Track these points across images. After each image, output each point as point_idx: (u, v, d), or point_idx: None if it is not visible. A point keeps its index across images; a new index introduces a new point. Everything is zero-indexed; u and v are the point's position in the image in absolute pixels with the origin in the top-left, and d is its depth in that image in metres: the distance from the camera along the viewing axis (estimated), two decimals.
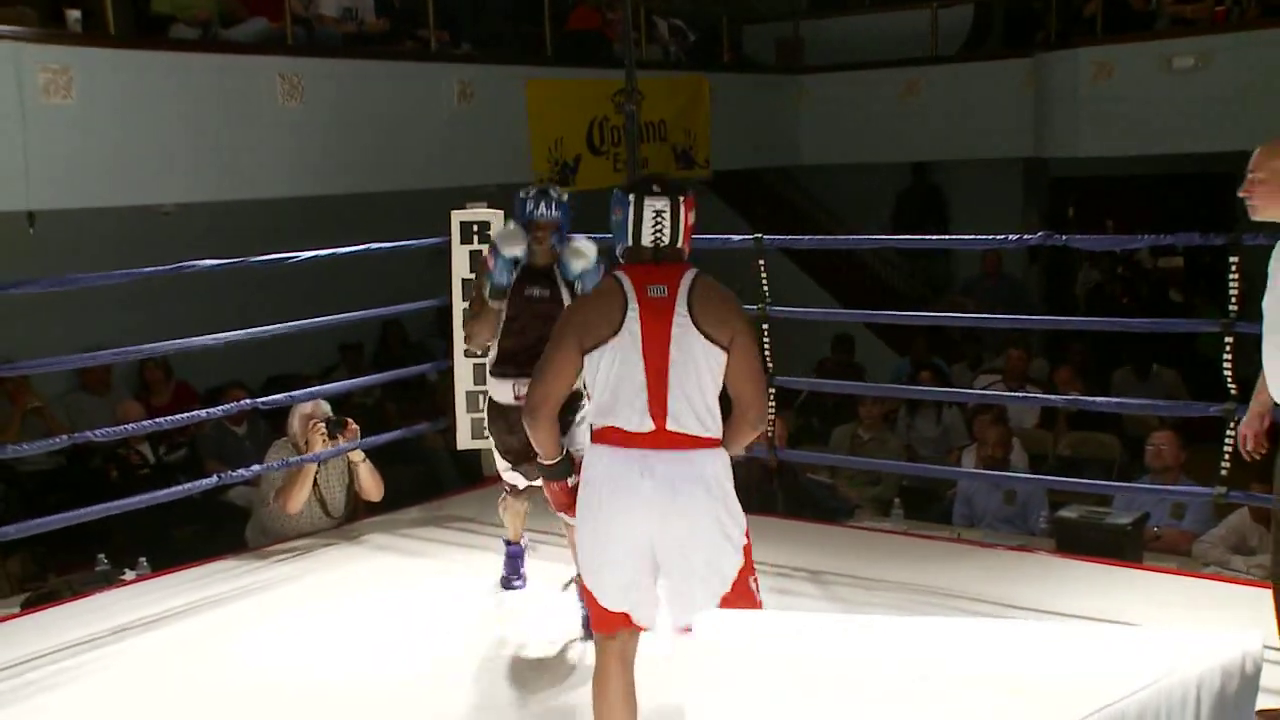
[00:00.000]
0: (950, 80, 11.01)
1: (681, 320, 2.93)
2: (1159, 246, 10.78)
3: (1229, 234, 4.46)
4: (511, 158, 8.96)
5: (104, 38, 6.85)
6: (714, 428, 2.97)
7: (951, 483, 6.90)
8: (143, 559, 5.33)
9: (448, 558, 5.22)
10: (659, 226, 2.98)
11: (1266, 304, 3.46)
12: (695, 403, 2.93)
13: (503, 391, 4.20)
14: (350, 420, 5.46)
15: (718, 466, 2.97)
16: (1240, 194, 3.40)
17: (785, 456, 6.03)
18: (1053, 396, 6.93)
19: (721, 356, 2.96)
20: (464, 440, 5.93)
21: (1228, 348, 4.53)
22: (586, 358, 3.00)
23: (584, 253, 4.15)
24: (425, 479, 7.50)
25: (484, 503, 5.94)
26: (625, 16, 7.55)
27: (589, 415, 3.11)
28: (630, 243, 3.03)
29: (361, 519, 5.73)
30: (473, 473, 6.46)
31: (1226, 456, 4.58)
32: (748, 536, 3.03)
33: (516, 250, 4.11)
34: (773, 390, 5.57)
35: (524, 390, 3.44)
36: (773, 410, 5.59)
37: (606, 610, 3.02)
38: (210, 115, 7.20)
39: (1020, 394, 7.40)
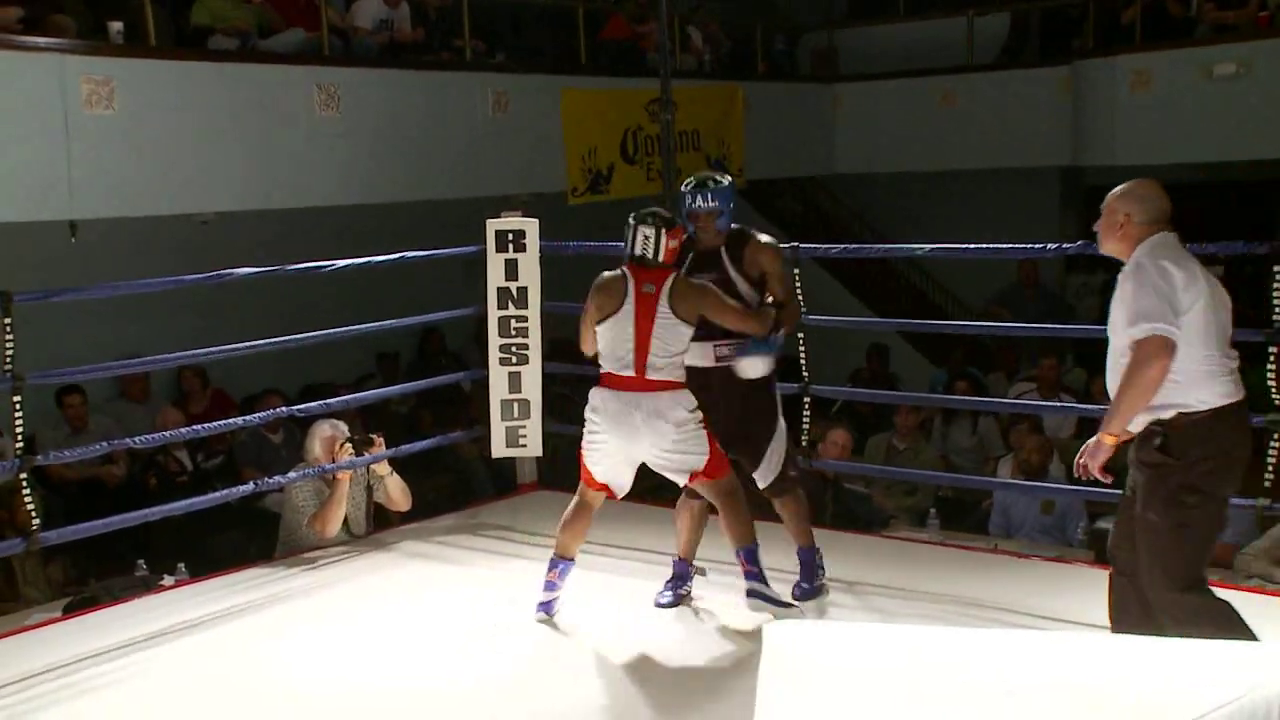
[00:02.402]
0: (987, 89, 10.94)
1: (664, 310, 4.23)
2: (1200, 256, 10.66)
3: (1272, 243, 4.41)
4: (546, 167, 8.99)
5: (145, 49, 6.94)
6: (673, 375, 4.25)
7: (988, 493, 6.84)
8: (181, 565, 5.37)
9: (482, 565, 5.22)
10: (645, 246, 4.25)
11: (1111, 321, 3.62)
12: (661, 360, 4.23)
13: (703, 355, 4.46)
14: (374, 436, 5.46)
15: (671, 401, 4.23)
16: (1094, 228, 3.73)
17: (821, 466, 6.00)
18: (1090, 406, 6.85)
19: (688, 330, 4.25)
20: (498, 449, 5.94)
21: (1271, 358, 4.47)
22: (597, 326, 4.31)
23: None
24: (460, 487, 7.52)
25: (517, 511, 5.95)
26: (660, 26, 7.58)
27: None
28: (629, 253, 4.29)
29: (395, 527, 5.75)
30: (507, 481, 6.47)
31: (1270, 468, 4.52)
32: (706, 424, 4.26)
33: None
34: (808, 400, 5.55)
35: (724, 351, 4.43)
36: (807, 420, 5.59)
37: (594, 478, 4.40)
38: (248, 125, 7.28)
39: (1057, 403, 7.34)
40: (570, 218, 8.85)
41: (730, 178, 4.58)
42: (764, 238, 4.51)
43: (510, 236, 5.78)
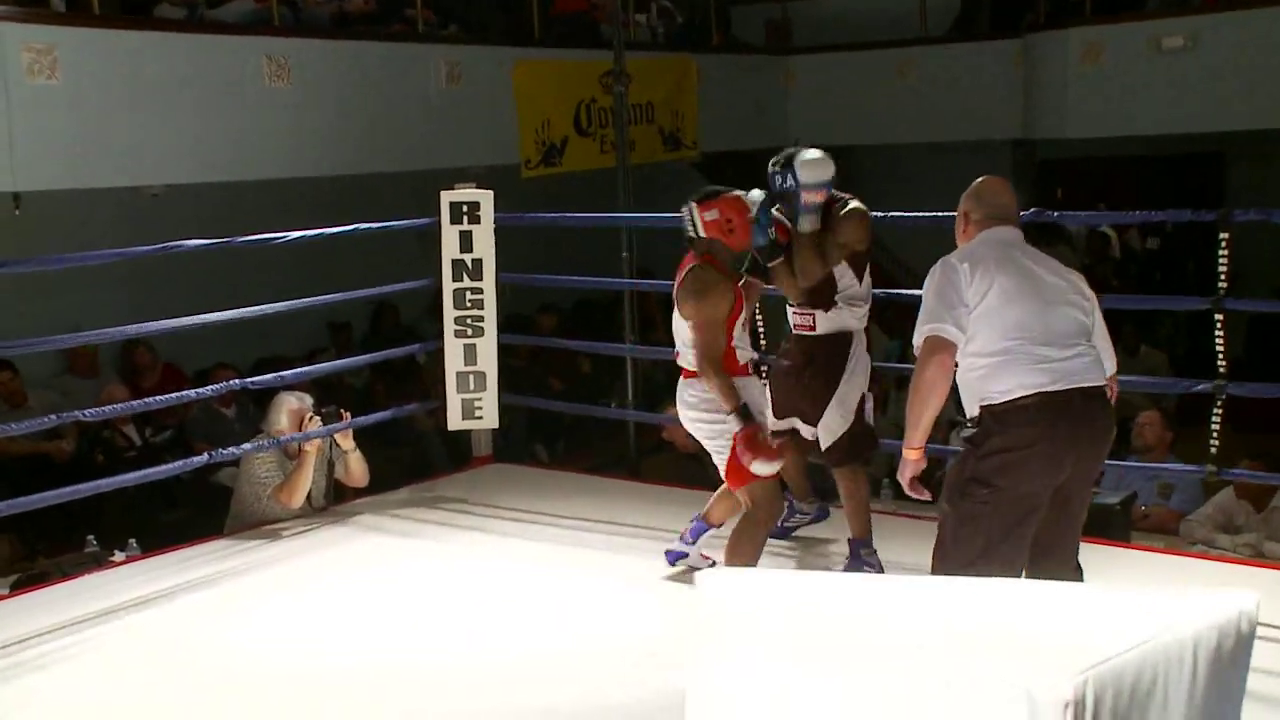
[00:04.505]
0: (940, 62, 10.98)
1: (676, 299, 4.21)
2: (1146, 227, 10.81)
3: (1219, 210, 4.47)
4: (499, 139, 8.93)
5: (88, 17, 6.81)
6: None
7: (941, 462, 6.90)
8: (132, 540, 5.30)
9: (438, 538, 5.21)
10: (686, 224, 4.23)
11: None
12: (682, 347, 4.22)
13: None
14: (343, 410, 5.43)
15: (687, 390, 4.23)
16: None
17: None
18: None
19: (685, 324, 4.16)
20: (454, 421, 5.93)
21: (1219, 324, 4.53)
22: None
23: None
24: (415, 460, 7.49)
25: (474, 484, 5.94)
26: None
27: None
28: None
29: (350, 500, 5.72)
30: (463, 454, 6.45)
31: (1215, 434, 4.59)
32: (741, 416, 4.06)
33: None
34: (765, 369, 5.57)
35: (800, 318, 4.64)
36: None
37: None
38: (197, 96, 7.17)
39: None
40: (524, 190, 8.81)
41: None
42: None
43: (465, 208, 5.75)
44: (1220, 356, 4.56)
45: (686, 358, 4.20)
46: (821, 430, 4.55)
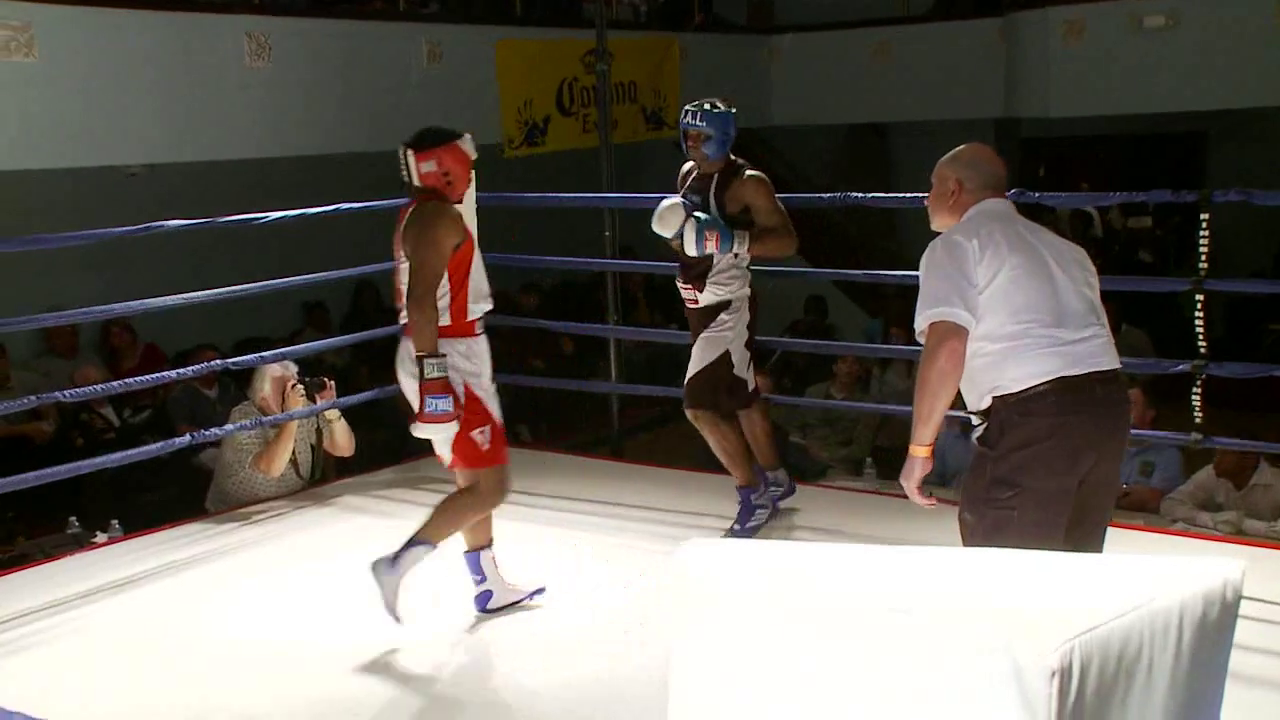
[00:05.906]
0: (922, 40, 10.98)
1: (398, 242, 3.90)
2: (1129, 207, 10.84)
3: (1200, 191, 4.48)
4: (481, 119, 8.88)
5: None
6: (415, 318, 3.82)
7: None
8: (115, 521, 5.29)
9: (422, 519, 5.19)
10: (402, 171, 3.93)
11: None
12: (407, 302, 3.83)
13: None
14: (327, 379, 5.44)
15: (410, 349, 3.89)
16: (925, 201, 3.39)
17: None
18: None
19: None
20: None
21: (1199, 305, 4.55)
22: None
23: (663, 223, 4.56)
24: (397, 441, 7.47)
25: None
26: None
27: None
28: None
29: (333, 480, 5.71)
30: None
31: (1198, 409, 4.61)
32: (459, 406, 3.85)
33: (664, 232, 4.60)
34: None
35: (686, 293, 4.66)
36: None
37: None
38: (176, 75, 7.11)
39: None
40: (507, 169, 8.78)
41: (731, 108, 4.68)
42: (751, 172, 4.66)
43: None
44: (1200, 337, 4.57)
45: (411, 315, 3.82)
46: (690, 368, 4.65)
